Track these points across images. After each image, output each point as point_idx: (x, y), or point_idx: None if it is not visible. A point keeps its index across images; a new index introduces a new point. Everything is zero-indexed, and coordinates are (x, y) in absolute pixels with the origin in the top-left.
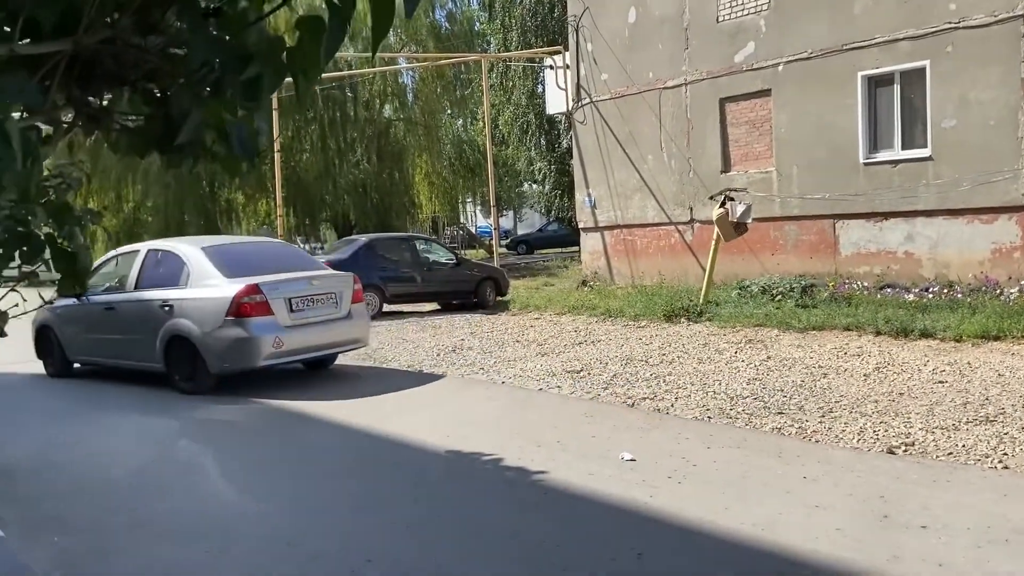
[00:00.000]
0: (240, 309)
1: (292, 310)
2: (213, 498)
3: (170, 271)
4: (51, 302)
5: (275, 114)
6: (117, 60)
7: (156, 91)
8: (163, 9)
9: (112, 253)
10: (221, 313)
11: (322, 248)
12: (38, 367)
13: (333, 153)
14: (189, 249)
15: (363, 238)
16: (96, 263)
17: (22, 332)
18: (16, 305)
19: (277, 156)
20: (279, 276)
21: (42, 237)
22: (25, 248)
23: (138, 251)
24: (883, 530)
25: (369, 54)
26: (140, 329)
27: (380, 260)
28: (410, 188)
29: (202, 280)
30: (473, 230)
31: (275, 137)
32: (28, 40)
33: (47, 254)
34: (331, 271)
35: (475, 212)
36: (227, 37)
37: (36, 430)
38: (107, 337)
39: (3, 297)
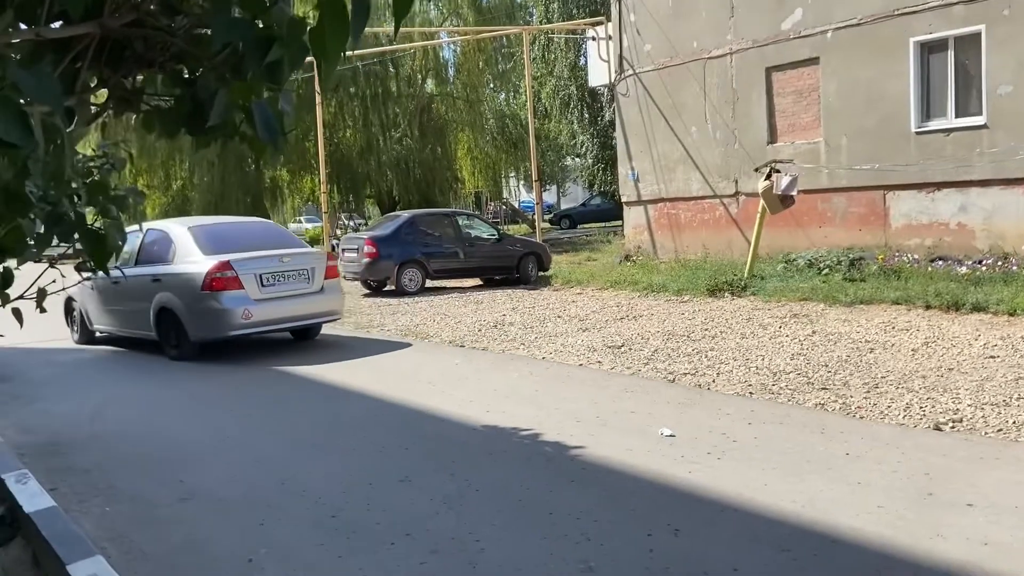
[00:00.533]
0: (213, 283)
1: (262, 284)
2: (255, 470)
3: (161, 248)
4: (89, 279)
5: (317, 91)
6: (146, 42)
7: (185, 72)
8: None
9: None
10: (198, 286)
11: (366, 224)
12: (55, 344)
13: (376, 129)
14: (177, 228)
15: (405, 214)
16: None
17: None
18: (54, 281)
19: (320, 133)
20: (252, 254)
21: (73, 217)
22: (57, 228)
23: (139, 230)
24: (927, 508)
25: (409, 28)
26: (138, 301)
27: (422, 236)
28: (453, 163)
29: (185, 257)
30: (516, 205)
31: (318, 114)
32: (55, 24)
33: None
34: (306, 249)
35: (518, 187)
36: (250, 18)
37: (82, 404)
38: (116, 308)
39: (43, 274)
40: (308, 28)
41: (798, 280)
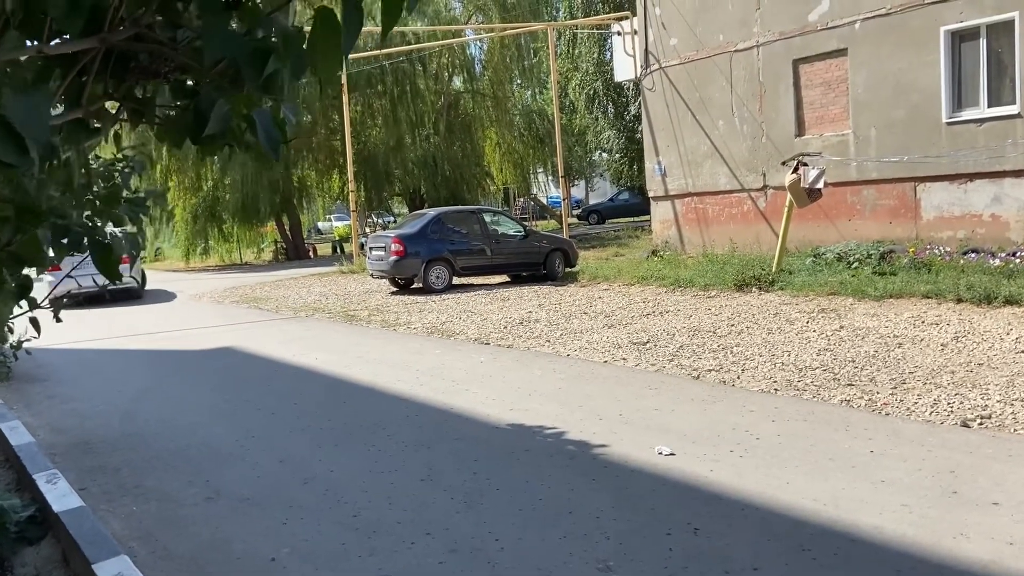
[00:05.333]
0: None
1: None
2: (279, 469)
3: None
4: (105, 287)
5: (344, 91)
6: (150, 54)
7: (188, 83)
8: (185, 3)
9: None
10: None
11: (394, 221)
12: (109, 343)
13: (403, 127)
14: None
15: (432, 212)
16: None
17: (68, 317)
18: (69, 292)
19: (348, 131)
20: None
21: (81, 228)
22: (65, 240)
23: None
24: (951, 507)
25: (434, 27)
26: None
27: (449, 233)
28: (480, 160)
29: None
30: (545, 200)
31: (345, 113)
32: (57, 41)
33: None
34: None
35: (547, 182)
36: (245, 31)
37: (113, 403)
38: None
39: (59, 283)
40: (304, 39)
41: (827, 274)
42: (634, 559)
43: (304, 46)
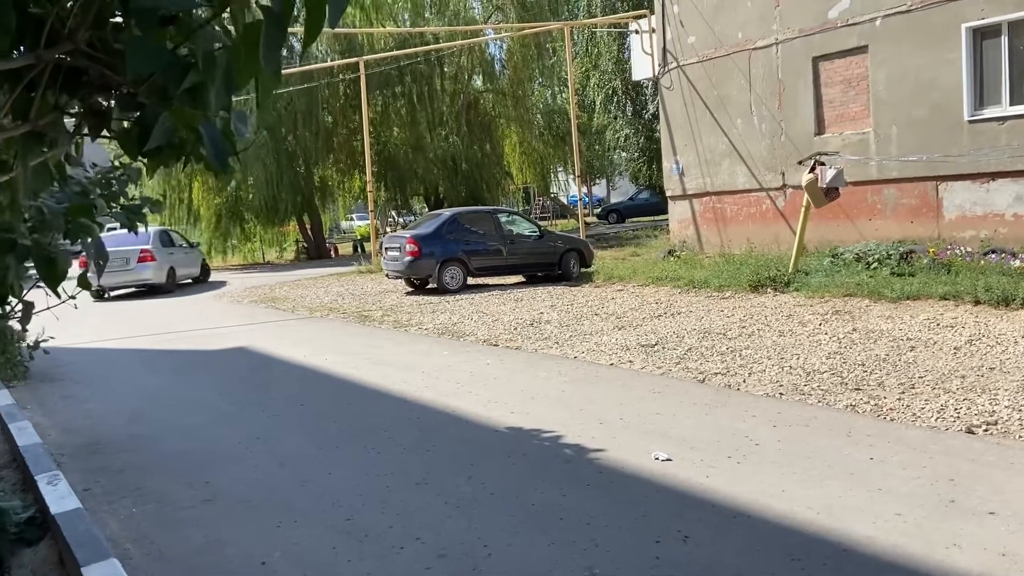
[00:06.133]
0: None
1: None
2: (279, 471)
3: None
4: (73, 297)
5: (363, 91)
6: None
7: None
8: (124, 19)
9: None
10: None
11: (414, 220)
12: (117, 343)
13: (422, 127)
14: None
15: (447, 212)
16: None
17: (94, 314)
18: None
19: (366, 132)
20: None
21: (29, 244)
22: (11, 253)
23: None
24: (947, 516)
25: (453, 28)
26: None
27: (464, 234)
28: (500, 159)
29: None
30: (565, 200)
31: (364, 114)
32: None
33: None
34: None
35: (567, 181)
36: (173, 46)
37: (123, 404)
38: None
39: (27, 292)
40: (220, 55)
41: (844, 275)
42: (620, 567)
43: (225, 61)
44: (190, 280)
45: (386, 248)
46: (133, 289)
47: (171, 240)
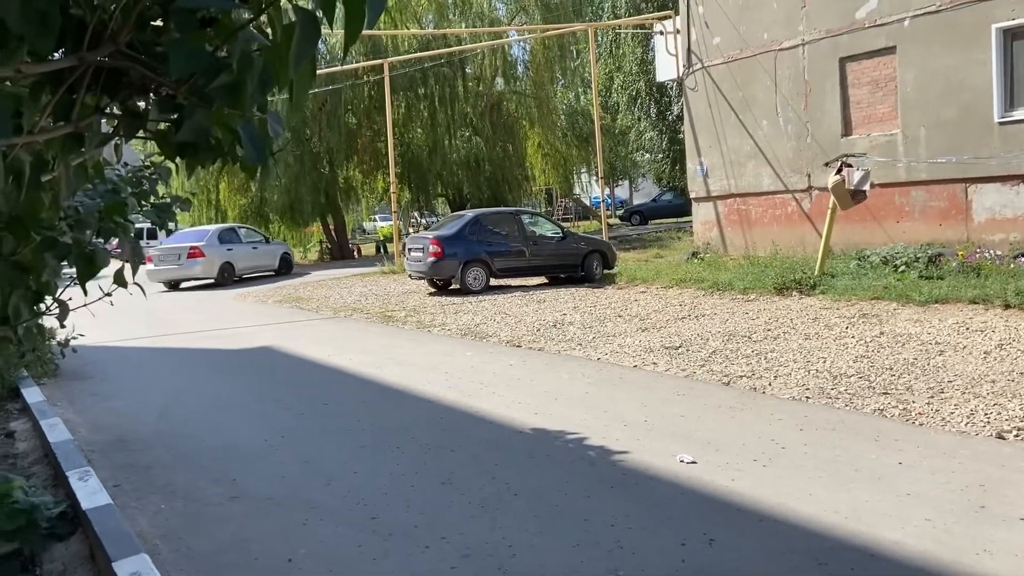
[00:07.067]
0: None
1: None
2: (304, 469)
3: None
4: (109, 294)
5: (387, 92)
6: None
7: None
8: (164, 21)
9: None
10: None
11: (437, 220)
12: (143, 342)
13: (444, 128)
14: None
15: (470, 213)
16: None
17: (122, 312)
18: (70, 298)
19: (390, 133)
20: None
21: (70, 242)
22: (52, 251)
23: None
24: (977, 522)
25: (477, 29)
26: None
27: (486, 235)
28: (523, 160)
29: None
30: (588, 201)
31: (388, 115)
32: (28, 60)
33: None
34: None
35: (589, 183)
36: (213, 47)
37: (151, 401)
38: None
39: (64, 290)
40: (255, 55)
41: (871, 278)
42: (645, 569)
43: (261, 61)
44: (267, 273)
45: (409, 249)
46: (194, 283)
47: (236, 236)
